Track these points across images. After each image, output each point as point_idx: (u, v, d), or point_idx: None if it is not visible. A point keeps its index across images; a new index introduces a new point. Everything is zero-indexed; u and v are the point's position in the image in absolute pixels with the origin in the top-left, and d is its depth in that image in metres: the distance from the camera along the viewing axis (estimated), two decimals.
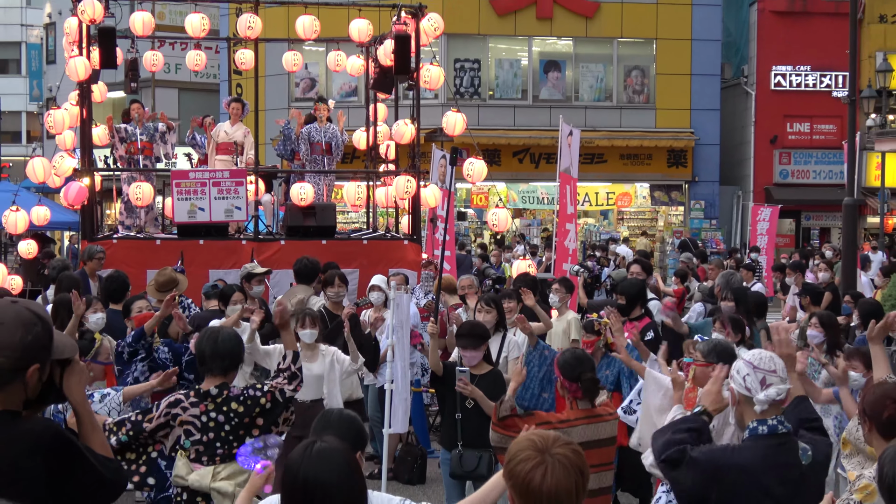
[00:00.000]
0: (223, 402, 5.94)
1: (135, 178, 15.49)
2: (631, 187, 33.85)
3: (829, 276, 17.61)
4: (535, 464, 3.24)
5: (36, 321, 3.62)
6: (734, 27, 34.95)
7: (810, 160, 33.72)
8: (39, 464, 3.53)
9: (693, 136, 32.88)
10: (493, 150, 29.51)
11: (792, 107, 33.56)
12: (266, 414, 6.00)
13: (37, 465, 3.53)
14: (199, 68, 18.38)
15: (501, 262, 23.68)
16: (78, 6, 14.96)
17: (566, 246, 15.78)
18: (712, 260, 21.57)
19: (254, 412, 5.95)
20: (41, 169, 15.43)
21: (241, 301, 10.09)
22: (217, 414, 5.95)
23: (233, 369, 6.15)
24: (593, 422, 6.62)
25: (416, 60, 15.48)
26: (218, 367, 6.04)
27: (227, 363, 6.07)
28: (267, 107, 26.28)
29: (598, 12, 32.45)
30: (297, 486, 3.36)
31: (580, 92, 33.23)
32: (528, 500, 3.26)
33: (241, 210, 14.71)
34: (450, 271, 15.15)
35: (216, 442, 6.00)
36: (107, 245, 14.27)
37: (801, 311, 12.48)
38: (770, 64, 33.64)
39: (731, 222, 32.99)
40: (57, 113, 15.68)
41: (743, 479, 4.80)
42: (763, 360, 5.02)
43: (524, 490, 3.25)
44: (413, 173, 15.51)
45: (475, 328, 8.46)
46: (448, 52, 31.10)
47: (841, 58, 24.20)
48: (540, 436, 3.35)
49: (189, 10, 17.27)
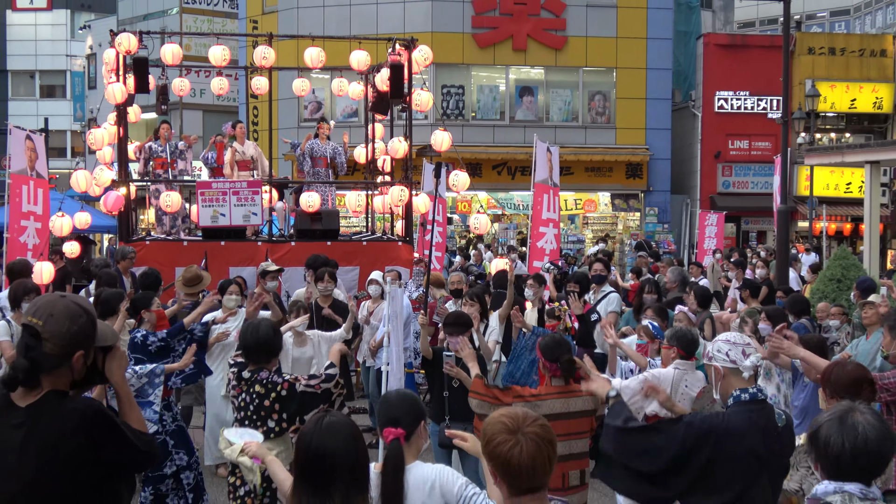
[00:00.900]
0: (250, 385, 5.92)
1: (161, 189, 15.49)
2: (594, 196, 33.83)
3: (765, 272, 17.65)
4: (511, 444, 3.27)
5: (82, 313, 3.64)
6: (683, 58, 34.99)
7: (749, 173, 33.77)
8: (83, 436, 3.54)
9: (648, 151, 32.89)
10: (475, 164, 29.47)
11: (733, 126, 33.62)
12: (281, 400, 5.94)
13: (81, 437, 3.54)
14: (222, 93, 18.33)
15: (482, 260, 23.78)
16: (116, 39, 14.98)
17: (541, 247, 15.78)
18: (664, 258, 21.66)
19: (271, 396, 5.91)
20: (83, 180, 15.41)
21: (237, 293, 10.17)
22: (246, 395, 5.94)
23: (271, 358, 6.08)
24: (564, 396, 6.59)
25: (408, 86, 15.48)
26: (254, 356, 6.01)
27: (264, 353, 6.03)
28: (280, 126, 26.25)
29: (566, 45, 32.45)
30: (308, 453, 3.39)
31: (550, 113, 33.23)
32: (508, 474, 3.28)
33: (257, 215, 14.71)
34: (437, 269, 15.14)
35: (245, 420, 6.00)
36: (141, 246, 14.26)
37: (742, 303, 12.52)
38: (714, 90, 33.70)
39: (680, 226, 33.04)
40: (97, 132, 15.65)
41: (732, 441, 4.80)
42: (738, 337, 5.15)
43: (505, 466, 3.28)
44: (406, 184, 15.51)
45: (459, 317, 8.46)
46: (436, 79, 31.08)
47: (775, 84, 24.29)
48: (510, 417, 3.36)
49: (212, 42, 17.22)
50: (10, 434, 3.55)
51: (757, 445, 4.80)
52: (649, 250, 24.32)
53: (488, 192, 32.83)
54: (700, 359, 6.99)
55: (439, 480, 4.20)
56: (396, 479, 4.10)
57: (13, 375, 3.55)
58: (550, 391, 6.60)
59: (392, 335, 8.28)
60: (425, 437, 4.35)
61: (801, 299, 11.51)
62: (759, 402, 4.93)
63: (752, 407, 4.90)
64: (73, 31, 55.02)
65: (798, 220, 31.12)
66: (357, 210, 18.57)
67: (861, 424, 3.56)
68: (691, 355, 7.48)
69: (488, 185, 31.98)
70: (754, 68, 32.66)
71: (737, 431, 4.81)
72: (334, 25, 30.58)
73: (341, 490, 3.30)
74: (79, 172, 15.66)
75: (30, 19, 55.92)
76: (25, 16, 55.93)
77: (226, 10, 41.06)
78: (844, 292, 13.72)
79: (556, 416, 6.45)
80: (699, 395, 7.05)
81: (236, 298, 10.18)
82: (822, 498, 3.51)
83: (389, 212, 17.25)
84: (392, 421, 4.27)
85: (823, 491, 3.54)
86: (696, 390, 7.12)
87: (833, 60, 33.57)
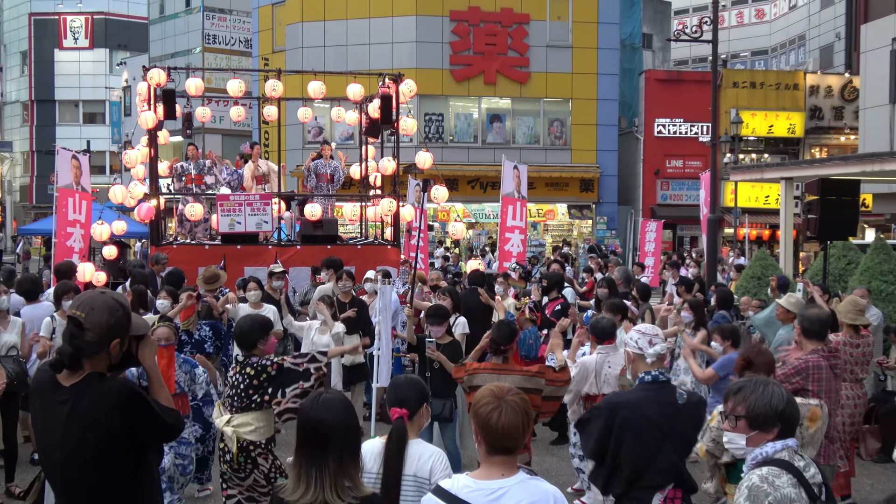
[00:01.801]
0: (243, 367, 5.94)
1: (188, 200, 15.46)
2: (553, 206, 33.88)
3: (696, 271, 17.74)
4: (493, 407, 3.27)
5: (118, 307, 3.65)
6: (628, 91, 35.09)
7: (683, 187, 33.86)
8: (119, 411, 3.55)
9: (598, 169, 32.98)
10: (452, 180, 29.41)
11: (670, 148, 33.73)
12: (271, 380, 5.91)
13: (117, 412, 3.55)
14: (239, 119, 18.28)
15: (459, 261, 23.79)
16: (147, 74, 14.93)
17: (508, 250, 15.82)
18: (611, 259, 21.74)
19: (261, 377, 5.89)
20: (120, 193, 15.37)
21: (255, 288, 10.60)
22: (239, 375, 5.94)
23: (257, 344, 6.07)
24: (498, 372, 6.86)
25: (396, 114, 15.49)
26: (245, 342, 6.05)
27: (252, 339, 6.06)
28: (287, 147, 26.18)
29: (529, 79, 32.51)
30: (307, 424, 3.40)
31: (516, 137, 33.26)
32: (488, 434, 3.28)
33: (267, 223, 14.68)
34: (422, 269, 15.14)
35: (234, 397, 6.00)
36: (168, 250, 14.21)
37: (677, 297, 12.57)
38: (654, 117, 33.81)
39: (625, 232, 33.08)
40: (132, 152, 15.59)
41: (633, 412, 4.92)
42: (649, 328, 5.29)
43: (485, 426, 3.29)
44: (394, 196, 15.52)
45: (439, 310, 8.49)
46: (420, 108, 31.07)
47: (705, 113, 24.39)
48: (498, 387, 3.39)
49: (229, 76, 17.19)
50: (57, 409, 3.58)
51: (655, 417, 4.89)
52: (599, 252, 24.42)
53: (464, 203, 32.83)
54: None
55: (432, 460, 4.20)
56: (399, 450, 4.15)
57: (59, 360, 3.58)
58: (497, 367, 6.93)
59: (382, 325, 8.27)
60: (427, 416, 4.34)
61: (728, 293, 11.57)
62: (660, 382, 5.06)
63: (652, 386, 5.04)
64: (112, 67, 54.75)
65: (725, 227, 31.19)
66: (353, 218, 18.61)
67: (784, 391, 3.59)
68: (604, 340, 7.53)
69: (464, 197, 31.98)
70: (688, 99, 32.76)
71: (637, 404, 4.95)
72: (333, 62, 30.55)
73: (336, 455, 3.31)
74: (116, 187, 15.63)
75: (74, 57, 55.65)
76: (71, 54, 55.67)
77: (241, 50, 41.04)
78: (763, 288, 13.78)
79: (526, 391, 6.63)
80: (621, 372, 7.13)
81: (255, 294, 10.51)
82: (772, 455, 3.48)
83: (380, 220, 17.26)
84: (399, 402, 4.28)
85: (772, 448, 3.49)
86: (618, 369, 7.21)
87: (754, 93, 33.75)
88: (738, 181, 26.30)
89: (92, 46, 55.68)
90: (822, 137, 34.33)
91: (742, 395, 3.61)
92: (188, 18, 42.04)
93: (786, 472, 3.39)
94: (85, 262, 12.64)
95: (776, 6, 48.77)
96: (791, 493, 3.33)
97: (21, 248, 34.89)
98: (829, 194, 12.91)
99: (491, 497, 3.21)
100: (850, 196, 13.07)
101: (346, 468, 3.33)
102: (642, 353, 5.10)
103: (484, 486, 3.24)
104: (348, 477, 3.32)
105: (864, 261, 13.04)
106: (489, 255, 23.38)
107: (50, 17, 55.56)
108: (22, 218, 50.61)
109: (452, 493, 3.26)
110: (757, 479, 3.37)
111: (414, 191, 17.40)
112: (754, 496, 3.32)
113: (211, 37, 41.13)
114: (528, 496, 3.22)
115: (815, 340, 6.46)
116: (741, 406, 3.59)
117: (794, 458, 3.48)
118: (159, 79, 14.83)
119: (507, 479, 3.26)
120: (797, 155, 34.10)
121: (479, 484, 3.26)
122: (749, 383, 3.65)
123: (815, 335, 6.48)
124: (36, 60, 55.58)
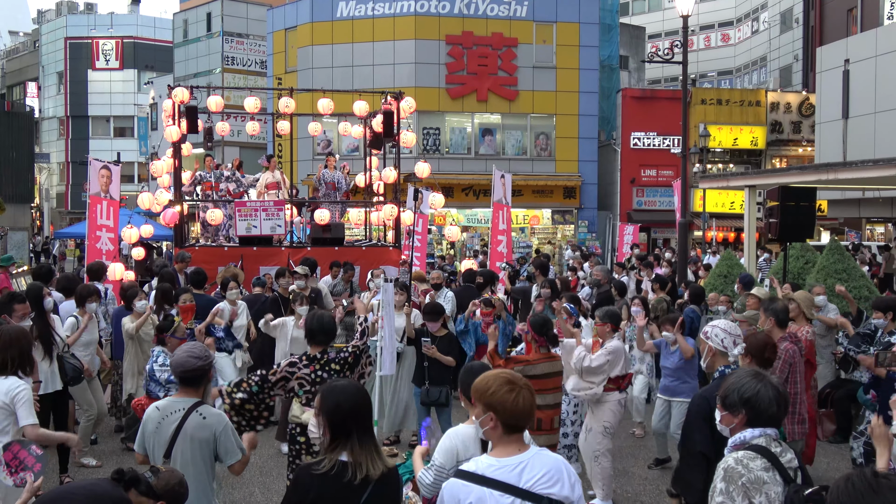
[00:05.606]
0: (325, 363, 5.68)
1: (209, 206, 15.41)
2: (539, 212, 33.85)
3: (669, 270, 17.70)
4: (515, 393, 3.30)
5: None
6: (606, 107, 35.08)
7: (657, 194, 33.85)
8: None
9: (580, 178, 32.96)
10: (448, 188, 29.42)
11: (644, 159, 33.71)
12: (350, 366, 5.81)
13: None
14: (255, 133, 18.24)
15: (454, 261, 23.75)
16: (172, 92, 14.91)
17: (499, 251, 15.82)
18: (591, 259, 21.71)
19: (345, 367, 5.77)
20: (147, 200, 15.34)
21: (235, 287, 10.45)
22: (322, 371, 5.71)
23: (330, 341, 5.85)
24: (551, 360, 6.89)
25: (397, 128, 15.49)
26: (320, 339, 5.77)
27: (326, 337, 5.79)
28: (298, 158, 26.13)
29: (518, 97, 32.49)
30: (330, 401, 3.62)
31: (506, 149, 33.22)
32: (510, 415, 3.28)
33: (281, 227, 14.67)
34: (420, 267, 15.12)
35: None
36: (191, 251, 14.18)
37: (652, 293, 12.54)
38: (630, 131, 33.77)
39: (605, 235, 33.09)
40: (158, 163, 15.61)
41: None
42: (732, 328, 5.19)
43: (509, 408, 3.28)
44: (395, 203, 15.51)
45: (435, 307, 8.51)
46: (418, 122, 31.04)
47: (676, 127, 24.41)
48: (510, 374, 3.41)
49: (246, 94, 17.17)
50: None
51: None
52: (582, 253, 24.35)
53: (458, 209, 32.76)
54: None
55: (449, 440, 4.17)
56: None
57: None
58: (539, 357, 6.85)
59: (385, 319, 8.25)
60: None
61: (699, 290, 11.55)
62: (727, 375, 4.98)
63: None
64: (140, 86, 54.77)
65: (694, 230, 31.17)
66: (358, 223, 18.60)
67: (774, 384, 3.56)
68: (618, 326, 7.71)
69: (458, 203, 31.94)
70: (660, 115, 32.79)
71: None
72: (340, 82, 30.51)
73: (356, 430, 3.57)
74: (143, 194, 15.61)
75: (106, 76, 55.61)
76: (103, 74, 55.63)
77: (257, 70, 41.01)
78: (730, 285, 13.76)
79: (548, 375, 6.79)
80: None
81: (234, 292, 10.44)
82: (750, 441, 3.47)
83: (383, 224, 17.24)
84: (465, 386, 4.23)
85: (751, 434, 3.48)
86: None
87: (720, 109, 33.72)
88: (706, 188, 26.31)
89: (122, 67, 55.62)
90: (782, 149, 34.32)
91: (727, 380, 3.67)
92: (209, 42, 42.05)
93: (761, 456, 3.39)
94: (115, 262, 12.65)
95: (740, 31, 48.81)
96: (763, 476, 3.33)
97: (57, 250, 34.93)
98: (789, 200, 12.93)
99: (515, 471, 3.21)
100: (808, 202, 13.09)
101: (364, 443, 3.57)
102: (726, 352, 5.08)
103: (507, 462, 3.24)
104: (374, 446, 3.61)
105: (821, 260, 13.06)
106: (481, 255, 23.31)
107: (84, 41, 55.52)
108: (58, 223, 50.55)
109: (479, 474, 3.23)
110: (732, 461, 3.39)
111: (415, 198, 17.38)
112: (729, 476, 3.34)
113: (230, 59, 41.12)
114: (545, 465, 3.24)
115: (782, 329, 6.97)
116: (722, 388, 3.66)
117: (770, 444, 3.47)
118: (183, 96, 14.82)
119: (525, 454, 3.28)
120: (759, 165, 34.10)
121: (502, 462, 3.25)
122: (739, 372, 3.71)
123: (783, 324, 7.01)
124: (71, 80, 55.58)
